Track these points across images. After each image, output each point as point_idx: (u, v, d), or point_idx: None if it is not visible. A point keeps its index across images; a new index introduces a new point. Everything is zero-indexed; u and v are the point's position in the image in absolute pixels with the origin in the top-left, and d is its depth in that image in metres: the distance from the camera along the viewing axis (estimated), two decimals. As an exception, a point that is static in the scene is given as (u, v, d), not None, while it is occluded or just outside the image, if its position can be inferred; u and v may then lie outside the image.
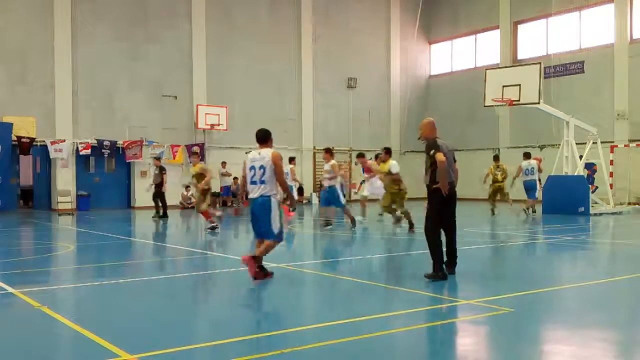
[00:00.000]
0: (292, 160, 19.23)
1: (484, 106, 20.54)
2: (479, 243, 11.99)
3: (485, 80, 19.97)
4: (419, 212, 10.59)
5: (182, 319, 5.98)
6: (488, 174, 18.95)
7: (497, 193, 18.79)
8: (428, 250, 7.65)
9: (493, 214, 18.35)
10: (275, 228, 7.54)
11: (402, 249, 11.56)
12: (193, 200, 24.96)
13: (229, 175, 24.87)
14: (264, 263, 7.75)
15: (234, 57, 26.58)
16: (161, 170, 19.27)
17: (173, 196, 24.70)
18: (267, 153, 7.57)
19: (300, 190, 28.26)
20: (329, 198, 14.77)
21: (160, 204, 19.15)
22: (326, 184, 14.79)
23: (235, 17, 26.72)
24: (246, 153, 8.16)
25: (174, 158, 24.98)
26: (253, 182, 7.54)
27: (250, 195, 7.57)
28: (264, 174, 7.48)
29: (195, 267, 9.59)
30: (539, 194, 18.86)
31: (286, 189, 7.78)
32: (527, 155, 18.82)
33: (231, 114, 25.91)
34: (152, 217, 19.10)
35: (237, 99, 26.50)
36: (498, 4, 28.75)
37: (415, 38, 30.78)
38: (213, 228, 13.86)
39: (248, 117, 26.69)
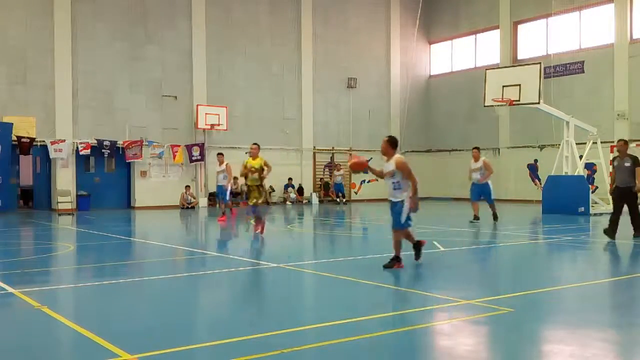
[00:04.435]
0: (220, 155, 18.21)
1: (484, 106, 20.56)
2: (478, 243, 11.99)
3: (485, 80, 19.99)
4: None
5: (182, 319, 5.98)
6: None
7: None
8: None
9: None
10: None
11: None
12: (193, 200, 25.00)
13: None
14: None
15: (234, 57, 26.59)
16: None
17: (174, 196, 24.73)
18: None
19: (300, 190, 28.31)
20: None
21: None
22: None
23: (235, 17, 26.72)
24: (246, 153, 8.36)
25: (174, 158, 24.99)
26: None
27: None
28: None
29: (195, 267, 9.60)
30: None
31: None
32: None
33: (231, 114, 25.92)
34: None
35: (237, 99, 26.51)
36: (498, 4, 28.76)
37: (415, 38, 30.79)
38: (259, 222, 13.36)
39: (248, 117, 26.72)
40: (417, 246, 8.86)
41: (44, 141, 22.53)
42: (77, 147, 23.08)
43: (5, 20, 21.99)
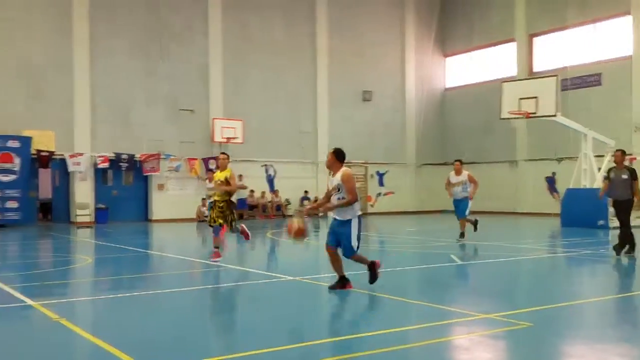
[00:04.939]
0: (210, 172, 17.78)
1: (501, 119, 20.47)
2: (497, 256, 11.90)
3: (501, 93, 19.91)
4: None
5: (198, 332, 5.99)
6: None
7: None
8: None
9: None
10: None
11: (433, 261, 11.51)
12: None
13: (245, 187, 24.94)
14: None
15: (250, 71, 26.77)
16: None
17: (191, 209, 24.83)
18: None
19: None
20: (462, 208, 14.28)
21: None
22: (460, 196, 14.26)
23: (251, 31, 26.94)
24: (262, 166, 8.21)
25: (191, 171, 25.14)
26: None
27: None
28: None
29: (211, 280, 9.61)
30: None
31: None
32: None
33: (247, 127, 26.04)
34: None
35: (253, 112, 26.64)
36: (513, 17, 28.71)
37: (430, 51, 30.83)
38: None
39: (264, 131, 26.82)
40: (372, 267, 7.86)
41: (62, 155, 22.80)
42: (96, 161, 23.33)
43: (25, 37, 22.36)
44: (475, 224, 14.48)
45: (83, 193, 23.36)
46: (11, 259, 13.42)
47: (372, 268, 7.84)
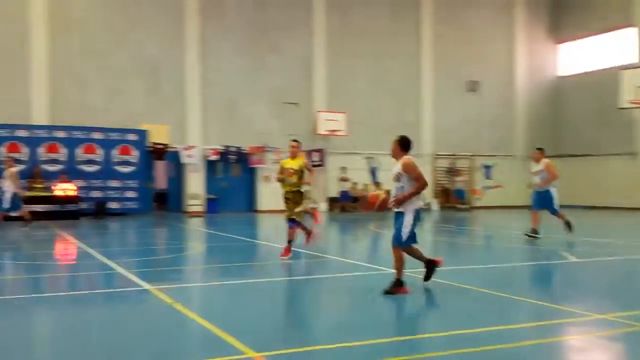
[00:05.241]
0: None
1: (619, 108, 19.25)
2: (611, 254, 11.23)
3: (620, 81, 18.71)
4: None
5: (307, 320, 6.11)
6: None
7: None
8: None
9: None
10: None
11: (542, 258, 11.10)
12: (313, 205, 25.47)
13: (347, 180, 25.12)
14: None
15: (354, 63, 26.82)
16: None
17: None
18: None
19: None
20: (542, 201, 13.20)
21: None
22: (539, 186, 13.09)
23: (354, 23, 26.97)
24: (365, 159, 8.02)
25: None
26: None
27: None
28: None
29: (315, 270, 9.76)
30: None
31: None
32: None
33: (350, 120, 26.13)
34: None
35: (357, 104, 26.69)
36: (633, 1, 26.80)
37: (542, 37, 29.45)
38: None
39: (367, 123, 26.80)
40: (430, 265, 7.45)
41: (176, 147, 23.99)
42: (206, 153, 24.37)
43: (142, 37, 23.69)
44: (568, 224, 13.15)
45: (195, 184, 24.50)
46: (130, 245, 14.32)
47: (430, 264, 7.44)
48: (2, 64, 21.67)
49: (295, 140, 10.78)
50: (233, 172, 25.78)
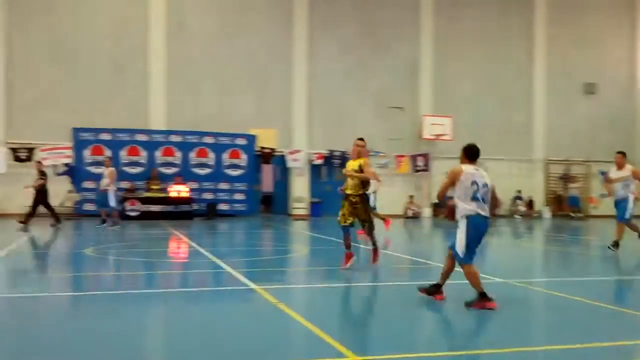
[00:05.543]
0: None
1: None
2: None
3: None
4: None
5: (407, 326, 6.04)
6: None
7: None
8: None
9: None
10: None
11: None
12: (417, 210, 25.14)
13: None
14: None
15: (460, 65, 26.28)
16: (42, 174, 17.13)
17: (398, 205, 25.09)
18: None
19: (530, 204, 26.90)
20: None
21: (48, 211, 17.20)
22: (621, 194, 11.85)
23: (463, 25, 26.42)
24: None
25: (399, 168, 25.44)
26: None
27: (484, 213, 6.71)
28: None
29: (415, 276, 9.63)
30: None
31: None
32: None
33: (456, 124, 25.59)
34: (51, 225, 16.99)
35: (463, 107, 26.11)
36: None
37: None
38: None
39: (474, 127, 26.13)
40: (479, 302, 6.47)
41: (282, 152, 24.56)
42: (311, 157, 24.75)
43: (251, 44, 24.49)
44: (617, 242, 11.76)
45: (300, 187, 24.97)
46: (238, 245, 14.82)
47: (481, 298, 6.50)
48: (124, 72, 23.19)
49: (360, 139, 9.70)
50: (337, 176, 25.97)
